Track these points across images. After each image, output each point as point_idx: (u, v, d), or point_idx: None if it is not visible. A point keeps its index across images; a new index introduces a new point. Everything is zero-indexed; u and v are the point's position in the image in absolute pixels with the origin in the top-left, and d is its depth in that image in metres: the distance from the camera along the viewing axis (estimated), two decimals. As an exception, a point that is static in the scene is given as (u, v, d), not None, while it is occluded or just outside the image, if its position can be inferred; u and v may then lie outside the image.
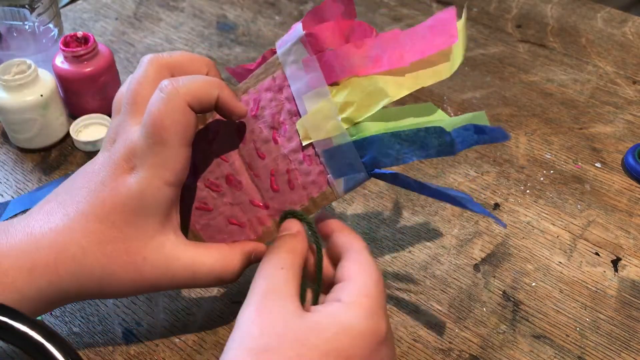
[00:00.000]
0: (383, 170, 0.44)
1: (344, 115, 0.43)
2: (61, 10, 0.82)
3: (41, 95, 0.63)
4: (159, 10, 0.88)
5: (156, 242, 0.41)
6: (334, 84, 0.43)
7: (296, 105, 0.44)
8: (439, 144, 0.41)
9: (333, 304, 0.38)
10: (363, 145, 0.43)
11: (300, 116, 0.44)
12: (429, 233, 0.58)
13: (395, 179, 0.45)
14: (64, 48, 0.65)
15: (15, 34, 0.70)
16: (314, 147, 0.44)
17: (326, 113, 0.43)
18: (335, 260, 0.42)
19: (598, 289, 0.54)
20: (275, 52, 0.45)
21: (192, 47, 0.81)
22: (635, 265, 0.56)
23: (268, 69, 0.45)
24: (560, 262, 0.56)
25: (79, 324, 0.51)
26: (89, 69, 0.66)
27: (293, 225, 0.44)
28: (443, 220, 0.60)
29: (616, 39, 0.83)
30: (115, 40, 0.82)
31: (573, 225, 0.59)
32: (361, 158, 0.43)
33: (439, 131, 0.41)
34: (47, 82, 0.64)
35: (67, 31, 0.77)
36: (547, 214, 0.60)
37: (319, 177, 0.44)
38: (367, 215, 0.60)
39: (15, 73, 0.63)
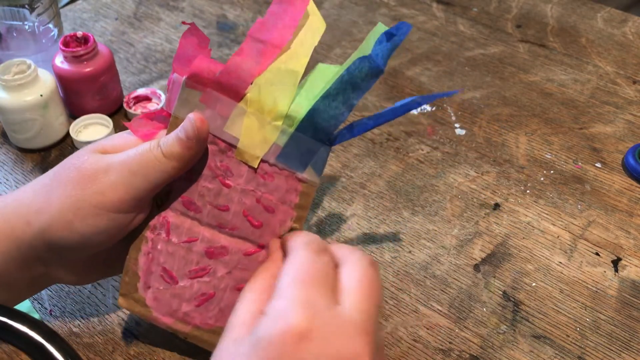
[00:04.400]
0: (338, 133, 0.44)
1: (271, 116, 0.43)
2: (61, 10, 0.82)
3: (41, 95, 0.63)
4: (159, 10, 0.88)
5: (97, 154, 0.43)
6: (242, 98, 0.43)
7: (223, 142, 0.44)
8: (366, 73, 0.42)
9: (258, 319, 0.36)
10: (306, 126, 0.43)
11: (234, 148, 0.44)
12: (429, 233, 0.58)
13: (352, 130, 0.44)
14: (63, 48, 0.65)
15: (15, 34, 0.70)
16: (266, 162, 0.44)
17: (255, 126, 0.43)
18: None
19: (598, 289, 0.54)
20: (166, 114, 0.45)
21: (192, 47, 0.81)
22: (636, 266, 0.56)
23: (173, 124, 0.44)
24: (560, 262, 0.56)
25: (79, 324, 0.51)
26: (88, 69, 0.66)
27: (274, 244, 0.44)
28: (443, 220, 0.60)
29: (616, 39, 0.83)
30: (115, 40, 0.82)
31: (573, 226, 0.59)
32: (312, 138, 0.44)
33: (360, 61, 0.42)
34: (47, 82, 0.64)
35: (67, 31, 0.77)
36: (547, 214, 0.60)
37: (289, 182, 0.44)
38: (367, 215, 0.60)
39: (15, 73, 0.63)
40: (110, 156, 0.42)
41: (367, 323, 0.35)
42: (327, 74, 0.45)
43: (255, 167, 0.44)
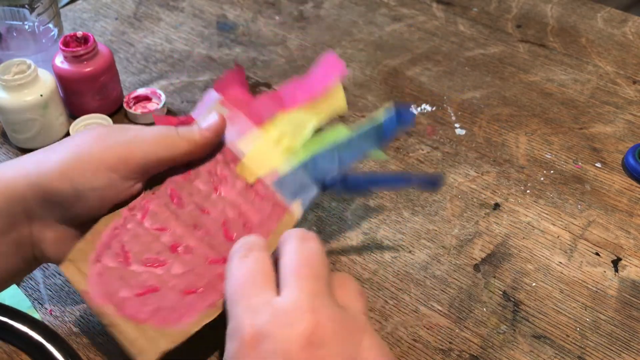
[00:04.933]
0: (331, 181, 0.48)
1: (282, 147, 0.48)
2: (61, 10, 0.82)
3: (41, 95, 0.63)
4: (159, 10, 0.88)
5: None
6: (262, 125, 0.49)
7: (231, 154, 0.47)
8: (373, 137, 0.49)
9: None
10: (307, 165, 0.48)
11: (238, 161, 0.48)
12: (429, 233, 0.58)
13: (345, 183, 0.48)
14: (63, 48, 0.65)
15: (15, 34, 0.70)
16: (261, 184, 0.47)
17: (265, 149, 0.48)
18: None
19: (598, 289, 0.54)
20: (192, 120, 0.49)
21: (192, 47, 0.81)
22: (636, 266, 0.56)
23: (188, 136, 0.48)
24: (560, 262, 0.56)
25: (79, 324, 0.51)
26: (88, 69, 0.66)
27: (259, 242, 0.44)
28: (443, 220, 0.60)
29: (616, 39, 0.83)
30: (115, 40, 0.82)
31: (573, 226, 0.59)
32: (309, 177, 0.48)
33: (372, 127, 0.48)
34: (47, 82, 0.64)
35: (67, 31, 0.77)
36: (547, 214, 0.60)
37: (274, 208, 0.46)
38: (367, 215, 0.60)
39: (15, 73, 0.63)
40: (129, 125, 0.45)
41: (310, 300, 0.35)
42: (342, 133, 0.50)
43: (251, 182, 0.47)
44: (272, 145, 0.48)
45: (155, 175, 0.46)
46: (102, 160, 0.42)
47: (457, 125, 0.70)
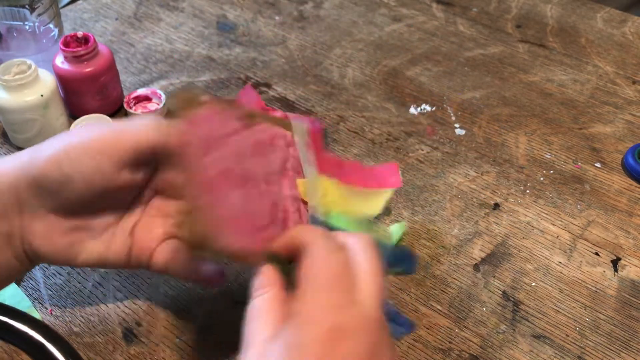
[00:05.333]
0: None
1: (324, 199, 0.48)
2: (61, 11, 0.82)
3: (41, 96, 0.63)
4: (159, 10, 0.88)
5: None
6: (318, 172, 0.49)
7: (299, 166, 0.48)
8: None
9: (283, 328, 0.36)
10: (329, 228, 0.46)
11: (300, 175, 0.48)
12: (429, 233, 0.58)
13: None
14: (64, 48, 0.65)
15: (15, 34, 0.70)
16: (306, 208, 0.47)
17: (315, 188, 0.48)
18: None
19: (598, 288, 0.54)
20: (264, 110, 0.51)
21: (192, 47, 0.81)
22: (635, 265, 0.56)
23: (281, 123, 0.48)
24: (560, 262, 0.56)
25: (79, 324, 0.51)
26: (89, 69, 0.66)
27: (269, 280, 0.40)
28: (443, 220, 0.60)
29: (616, 39, 0.83)
30: (115, 40, 0.82)
31: (573, 225, 0.59)
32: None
33: (381, 244, 0.46)
34: (47, 82, 0.64)
35: (67, 31, 0.77)
36: (547, 214, 0.60)
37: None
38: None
39: (16, 73, 0.63)
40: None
41: (381, 316, 0.37)
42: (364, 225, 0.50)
43: (304, 199, 0.47)
44: (321, 192, 0.48)
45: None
46: (91, 144, 0.42)
47: (457, 125, 0.70)
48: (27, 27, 0.69)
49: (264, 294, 0.38)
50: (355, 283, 0.37)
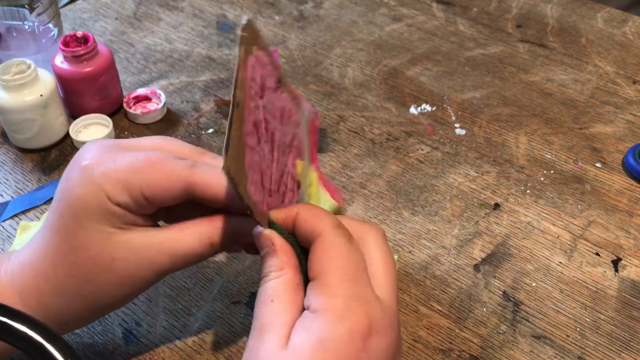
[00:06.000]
0: None
1: (309, 191, 0.45)
2: (61, 10, 0.82)
3: (41, 95, 0.63)
4: (159, 10, 0.88)
5: (119, 239, 0.40)
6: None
7: (301, 148, 0.45)
8: None
9: (305, 317, 0.36)
10: None
11: (300, 157, 0.45)
12: (429, 233, 0.58)
13: None
14: (63, 48, 0.65)
15: (15, 34, 0.70)
16: (297, 190, 0.45)
17: (306, 175, 0.45)
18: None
19: (598, 289, 0.54)
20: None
21: (192, 47, 0.81)
22: (636, 266, 0.56)
23: (295, 102, 0.45)
24: (560, 262, 0.56)
25: (79, 324, 0.51)
26: (88, 69, 0.66)
27: (273, 241, 0.39)
28: (443, 220, 0.60)
29: (616, 39, 0.82)
30: (115, 40, 0.82)
31: (573, 226, 0.59)
32: None
33: None
34: (46, 82, 0.64)
35: (67, 31, 0.77)
36: (547, 214, 0.60)
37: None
38: (367, 215, 0.60)
39: (15, 73, 0.63)
40: (147, 245, 0.40)
41: (397, 309, 0.37)
42: None
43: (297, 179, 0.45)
44: (309, 180, 0.46)
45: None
46: (119, 296, 0.42)
47: (457, 125, 0.70)
48: (27, 27, 0.69)
49: (281, 276, 0.37)
50: (372, 277, 0.37)
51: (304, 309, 0.36)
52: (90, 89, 0.67)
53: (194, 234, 0.40)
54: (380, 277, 0.37)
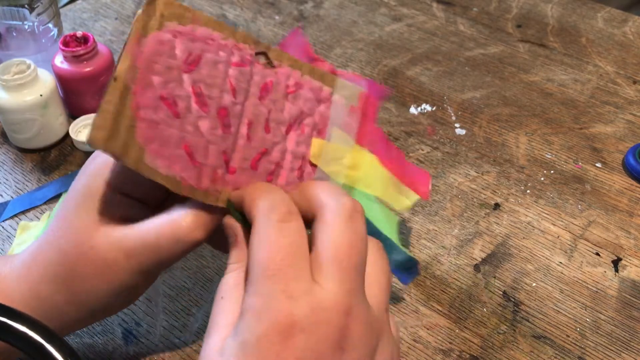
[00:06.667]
0: None
1: (348, 173, 0.44)
2: (61, 10, 0.82)
3: (41, 95, 0.63)
4: (159, 10, 0.88)
5: (102, 228, 0.39)
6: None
7: (324, 126, 0.43)
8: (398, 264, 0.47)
9: (240, 318, 0.33)
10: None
11: (322, 136, 0.43)
12: (429, 233, 0.58)
13: None
14: (63, 48, 0.65)
15: (14, 34, 0.70)
16: (313, 171, 0.42)
17: (340, 156, 0.43)
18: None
19: (598, 289, 0.54)
20: (313, 60, 0.46)
21: (192, 47, 0.81)
22: (636, 266, 0.56)
23: (321, 76, 0.44)
24: (560, 262, 0.56)
25: (79, 324, 0.51)
26: (88, 69, 0.66)
27: (235, 231, 0.37)
28: (443, 220, 0.60)
29: (616, 39, 0.82)
30: (115, 40, 0.82)
31: (573, 226, 0.59)
32: None
33: (405, 258, 0.47)
34: (46, 82, 0.64)
35: (67, 31, 0.77)
36: (547, 214, 0.60)
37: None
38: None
39: (15, 73, 0.63)
40: (124, 236, 0.39)
41: (348, 298, 0.32)
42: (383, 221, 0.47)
43: (311, 160, 0.43)
44: (344, 163, 0.43)
45: None
46: (124, 291, 0.40)
47: (457, 125, 0.70)
48: (27, 27, 0.69)
49: (235, 269, 0.35)
50: (313, 259, 0.34)
51: None
52: (90, 89, 0.67)
53: (165, 222, 0.38)
54: (324, 264, 0.33)
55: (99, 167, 0.40)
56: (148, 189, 0.40)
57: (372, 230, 0.45)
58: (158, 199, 0.41)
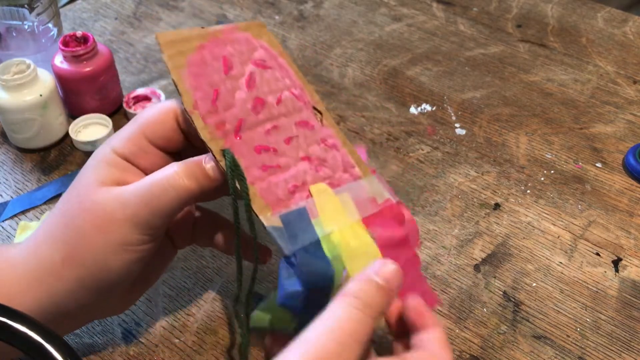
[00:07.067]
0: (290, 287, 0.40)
1: (328, 232, 0.41)
2: (60, 10, 0.82)
3: (40, 95, 0.63)
4: (159, 10, 0.88)
5: (105, 188, 0.41)
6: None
7: (337, 184, 0.44)
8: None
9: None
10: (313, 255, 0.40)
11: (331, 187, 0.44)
12: (429, 233, 0.58)
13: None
14: (63, 48, 0.65)
15: (14, 34, 0.70)
16: (305, 198, 0.43)
17: (337, 214, 0.42)
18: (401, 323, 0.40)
19: (599, 289, 0.54)
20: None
21: (192, 46, 0.81)
22: (636, 266, 0.56)
23: (358, 161, 0.46)
24: (560, 263, 0.56)
25: (79, 325, 0.51)
26: (88, 69, 0.66)
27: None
28: (443, 220, 0.59)
29: (617, 39, 0.82)
30: (114, 40, 0.82)
31: (574, 226, 0.59)
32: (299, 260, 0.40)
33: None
34: (46, 82, 0.64)
35: (67, 31, 0.77)
36: (547, 214, 0.60)
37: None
38: (367, 215, 0.60)
39: (15, 73, 0.63)
40: (122, 190, 0.40)
41: None
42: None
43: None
44: (341, 224, 0.42)
45: None
46: (125, 242, 0.40)
47: (457, 125, 0.70)
48: (26, 27, 0.69)
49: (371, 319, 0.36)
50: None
51: None
52: (89, 89, 0.67)
53: (158, 173, 0.40)
54: None
55: (105, 142, 0.43)
56: (150, 157, 0.42)
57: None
58: (160, 166, 0.42)
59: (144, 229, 0.40)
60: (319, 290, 0.40)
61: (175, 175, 0.40)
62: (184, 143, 0.43)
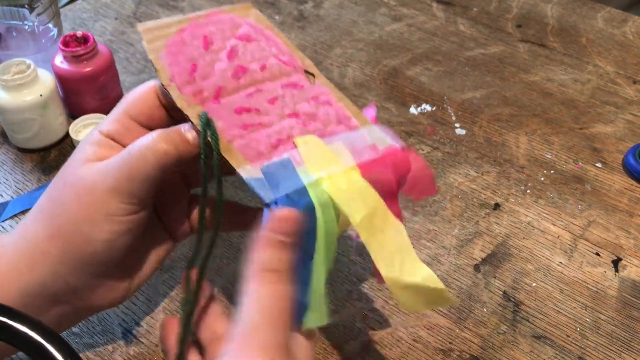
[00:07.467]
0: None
1: (315, 179, 0.40)
2: (60, 10, 0.82)
3: (40, 95, 0.63)
4: (159, 10, 0.88)
5: (90, 164, 0.41)
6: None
7: (329, 135, 0.43)
8: None
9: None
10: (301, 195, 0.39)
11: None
12: (429, 233, 0.58)
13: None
14: (63, 48, 0.65)
15: (14, 34, 0.70)
16: (290, 148, 0.42)
17: (327, 162, 0.41)
18: None
19: (598, 289, 0.54)
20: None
21: (192, 46, 0.81)
22: (636, 266, 0.56)
23: (357, 114, 0.45)
24: (560, 263, 0.56)
25: (79, 324, 0.51)
26: (88, 69, 0.66)
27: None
28: (443, 220, 0.60)
29: (616, 39, 0.82)
30: (114, 40, 0.82)
31: (573, 226, 0.59)
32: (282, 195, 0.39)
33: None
34: (46, 82, 0.64)
35: (67, 31, 0.77)
36: (547, 214, 0.60)
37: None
38: (367, 215, 0.60)
39: (15, 73, 0.63)
40: (104, 163, 0.41)
41: None
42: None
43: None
44: (333, 171, 0.40)
45: None
46: (109, 212, 0.40)
47: (457, 125, 0.70)
48: (27, 27, 0.69)
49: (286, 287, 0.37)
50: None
51: None
52: (89, 89, 0.67)
53: (137, 140, 0.41)
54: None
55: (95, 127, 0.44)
56: (135, 134, 0.42)
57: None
58: None
59: (126, 197, 0.40)
60: (305, 236, 0.38)
61: (153, 141, 0.40)
62: (167, 119, 0.44)
